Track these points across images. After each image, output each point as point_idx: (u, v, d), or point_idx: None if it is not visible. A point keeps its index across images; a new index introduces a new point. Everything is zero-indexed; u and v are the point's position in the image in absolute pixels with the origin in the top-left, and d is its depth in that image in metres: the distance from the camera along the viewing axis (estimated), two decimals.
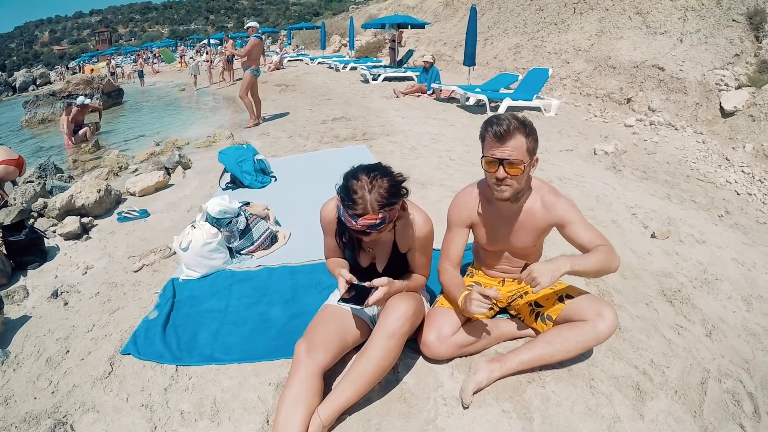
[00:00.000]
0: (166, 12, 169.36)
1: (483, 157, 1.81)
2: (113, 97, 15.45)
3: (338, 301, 1.77)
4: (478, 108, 8.35)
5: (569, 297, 1.93)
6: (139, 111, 14.00)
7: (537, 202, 1.93)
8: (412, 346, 1.99)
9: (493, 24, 14.27)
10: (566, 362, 1.90)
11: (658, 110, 7.52)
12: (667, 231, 3.43)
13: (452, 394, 1.80)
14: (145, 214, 3.99)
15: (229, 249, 3.11)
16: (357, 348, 1.90)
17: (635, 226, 3.57)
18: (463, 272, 2.28)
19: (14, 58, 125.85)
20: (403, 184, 1.70)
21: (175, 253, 3.21)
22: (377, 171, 1.65)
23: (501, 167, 1.75)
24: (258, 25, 8.28)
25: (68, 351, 2.21)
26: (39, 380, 2.02)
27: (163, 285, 2.75)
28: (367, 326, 1.97)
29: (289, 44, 31.08)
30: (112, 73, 21.89)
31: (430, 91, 9.94)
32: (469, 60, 10.10)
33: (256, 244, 3.18)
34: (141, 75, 23.62)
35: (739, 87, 7.02)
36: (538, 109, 8.07)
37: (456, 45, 15.43)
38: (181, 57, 26.97)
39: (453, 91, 9.37)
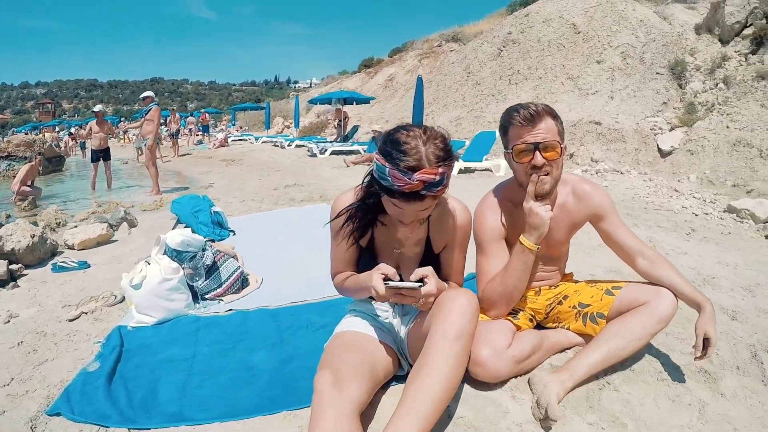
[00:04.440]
0: (111, 91, 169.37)
1: (513, 147, 1.63)
2: (54, 163, 15.16)
3: (385, 281, 1.36)
4: None
5: (617, 288, 1.76)
6: (80, 178, 13.10)
7: (569, 195, 1.79)
8: None
9: (432, 100, 15.03)
10: (627, 363, 1.74)
11: (601, 160, 7.98)
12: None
13: (525, 419, 1.50)
14: (84, 265, 3.46)
15: (192, 292, 2.61)
16: (383, 388, 1.55)
17: None
18: None
19: None
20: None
21: (122, 300, 2.71)
22: (427, 127, 1.38)
23: (537, 152, 1.57)
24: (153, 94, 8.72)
25: None
26: None
27: (107, 334, 2.24)
28: (396, 357, 1.60)
29: (233, 125, 31.36)
30: (56, 144, 20.94)
31: None
32: None
33: (224, 286, 2.70)
34: (83, 146, 22.51)
35: (672, 129, 7.72)
36: (488, 170, 8.38)
37: (397, 122, 15.73)
38: (124, 133, 25.99)
39: None
